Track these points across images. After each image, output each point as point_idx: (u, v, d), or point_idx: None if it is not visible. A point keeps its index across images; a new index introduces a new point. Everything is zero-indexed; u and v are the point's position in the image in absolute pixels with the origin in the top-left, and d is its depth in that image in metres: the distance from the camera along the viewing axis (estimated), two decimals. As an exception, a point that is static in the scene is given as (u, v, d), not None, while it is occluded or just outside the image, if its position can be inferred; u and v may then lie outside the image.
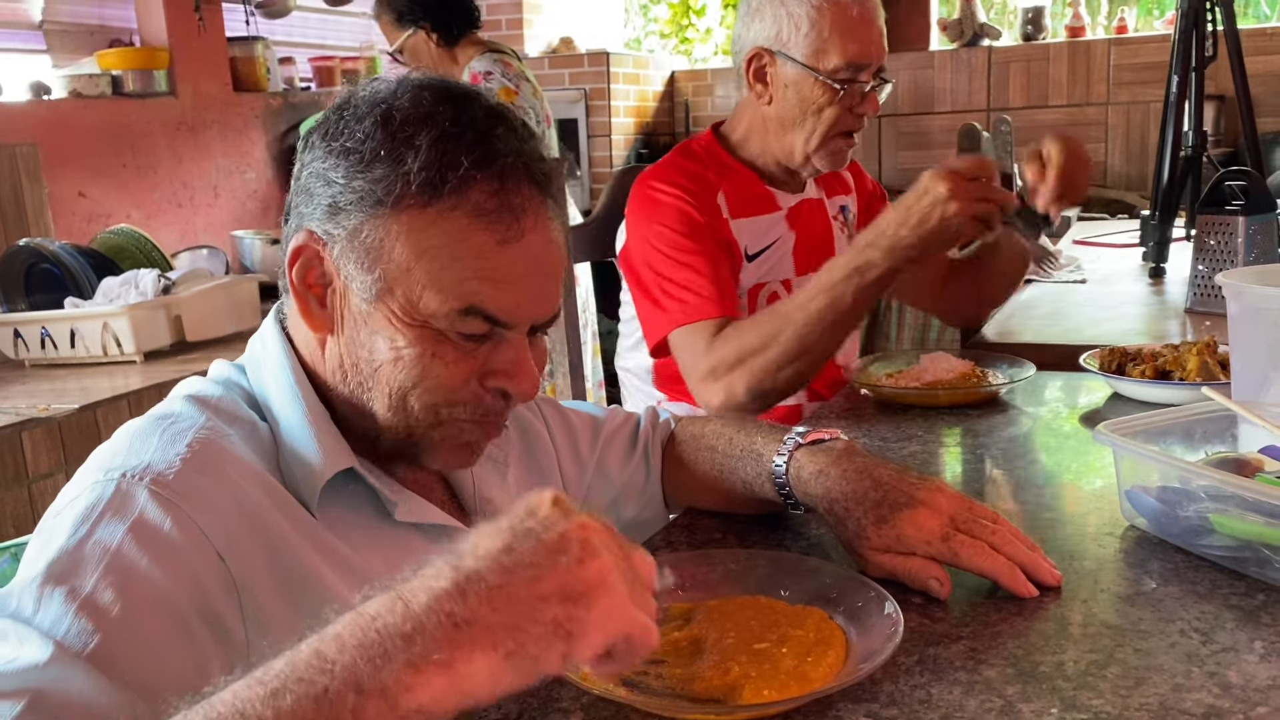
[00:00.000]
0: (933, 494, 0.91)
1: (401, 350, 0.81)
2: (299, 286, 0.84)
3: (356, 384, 0.84)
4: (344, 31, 4.50)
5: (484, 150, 0.79)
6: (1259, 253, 1.90)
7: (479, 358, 0.83)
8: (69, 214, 3.22)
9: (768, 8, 1.57)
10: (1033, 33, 5.03)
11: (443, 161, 0.78)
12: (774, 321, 1.40)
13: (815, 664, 0.74)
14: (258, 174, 3.92)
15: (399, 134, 0.78)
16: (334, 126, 0.82)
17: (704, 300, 1.49)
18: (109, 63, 3.45)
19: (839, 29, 1.53)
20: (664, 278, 1.53)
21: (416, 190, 0.78)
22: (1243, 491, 0.87)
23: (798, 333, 1.38)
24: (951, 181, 1.31)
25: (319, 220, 0.82)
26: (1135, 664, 0.75)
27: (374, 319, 0.81)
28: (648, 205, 1.59)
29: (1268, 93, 4.23)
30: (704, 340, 1.46)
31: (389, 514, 0.86)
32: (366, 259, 0.80)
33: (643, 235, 1.58)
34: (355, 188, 0.79)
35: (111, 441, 0.81)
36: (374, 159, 0.79)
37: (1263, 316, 1.10)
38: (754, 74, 1.60)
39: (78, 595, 0.68)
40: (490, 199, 0.79)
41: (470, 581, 0.54)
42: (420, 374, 0.82)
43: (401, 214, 0.79)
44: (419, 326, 0.80)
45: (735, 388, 1.40)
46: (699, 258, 1.52)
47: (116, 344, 2.39)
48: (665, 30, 7.71)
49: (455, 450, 0.87)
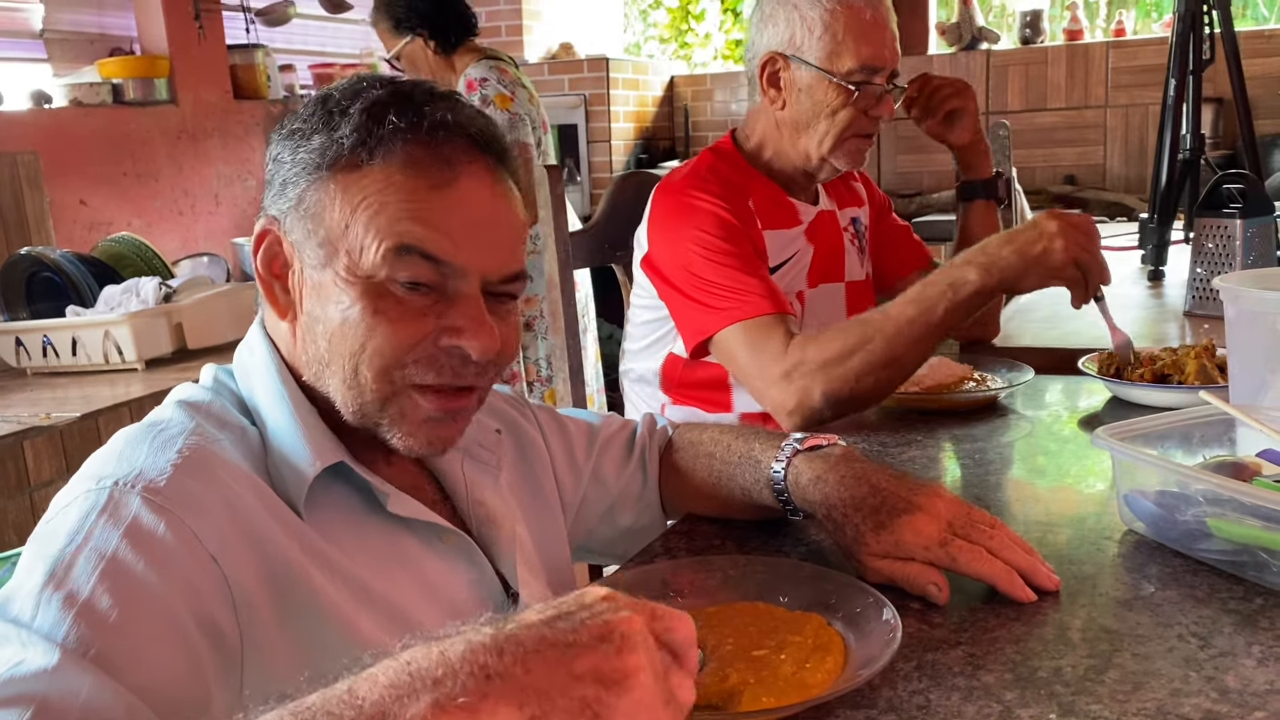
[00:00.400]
0: (931, 499, 0.91)
1: (346, 312, 0.81)
2: (265, 275, 0.86)
3: (317, 362, 0.84)
4: (343, 39, 4.51)
5: (415, 114, 0.82)
6: (1257, 255, 1.90)
7: (430, 317, 0.82)
8: (70, 222, 3.23)
9: (780, 13, 1.58)
10: (1031, 36, 5.04)
11: (373, 123, 0.81)
12: (861, 329, 1.37)
13: (814, 670, 0.75)
14: (258, 181, 3.93)
15: (335, 108, 0.83)
16: (286, 121, 0.87)
17: (758, 297, 1.46)
18: (110, 71, 3.46)
19: (852, 31, 1.54)
20: (706, 279, 1.50)
21: (350, 151, 0.81)
22: (1240, 495, 0.87)
23: (886, 341, 1.34)
24: (1062, 222, 1.33)
25: (273, 202, 0.85)
26: (1133, 669, 0.75)
27: (324, 287, 0.83)
28: (684, 211, 1.57)
29: (1265, 95, 4.24)
30: (769, 338, 1.42)
31: (380, 507, 0.86)
32: (310, 223, 0.83)
33: (678, 239, 1.56)
34: (298, 160, 0.83)
35: (104, 449, 0.82)
36: (313, 132, 0.83)
37: (1260, 320, 1.11)
38: (768, 79, 1.60)
39: (75, 601, 0.68)
40: (419, 149, 0.81)
41: (508, 641, 0.55)
42: (366, 333, 0.81)
43: (336, 174, 0.82)
44: (362, 281, 0.81)
45: (812, 392, 1.36)
46: (742, 259, 1.51)
47: (118, 352, 2.40)
48: (664, 35, 7.73)
49: (419, 427, 0.85)
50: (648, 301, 1.65)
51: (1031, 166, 4.77)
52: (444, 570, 0.89)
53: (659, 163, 5.25)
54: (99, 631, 0.67)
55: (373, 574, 0.84)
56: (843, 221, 1.76)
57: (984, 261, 1.33)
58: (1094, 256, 1.34)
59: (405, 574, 0.86)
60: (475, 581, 0.91)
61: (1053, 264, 1.32)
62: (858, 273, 1.78)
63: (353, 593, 0.81)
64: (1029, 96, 4.88)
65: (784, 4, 1.57)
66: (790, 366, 1.39)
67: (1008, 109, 4.86)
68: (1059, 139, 4.85)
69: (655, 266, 1.59)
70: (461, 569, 0.90)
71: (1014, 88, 4.90)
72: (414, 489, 0.92)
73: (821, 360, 1.36)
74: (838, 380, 1.35)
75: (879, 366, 1.35)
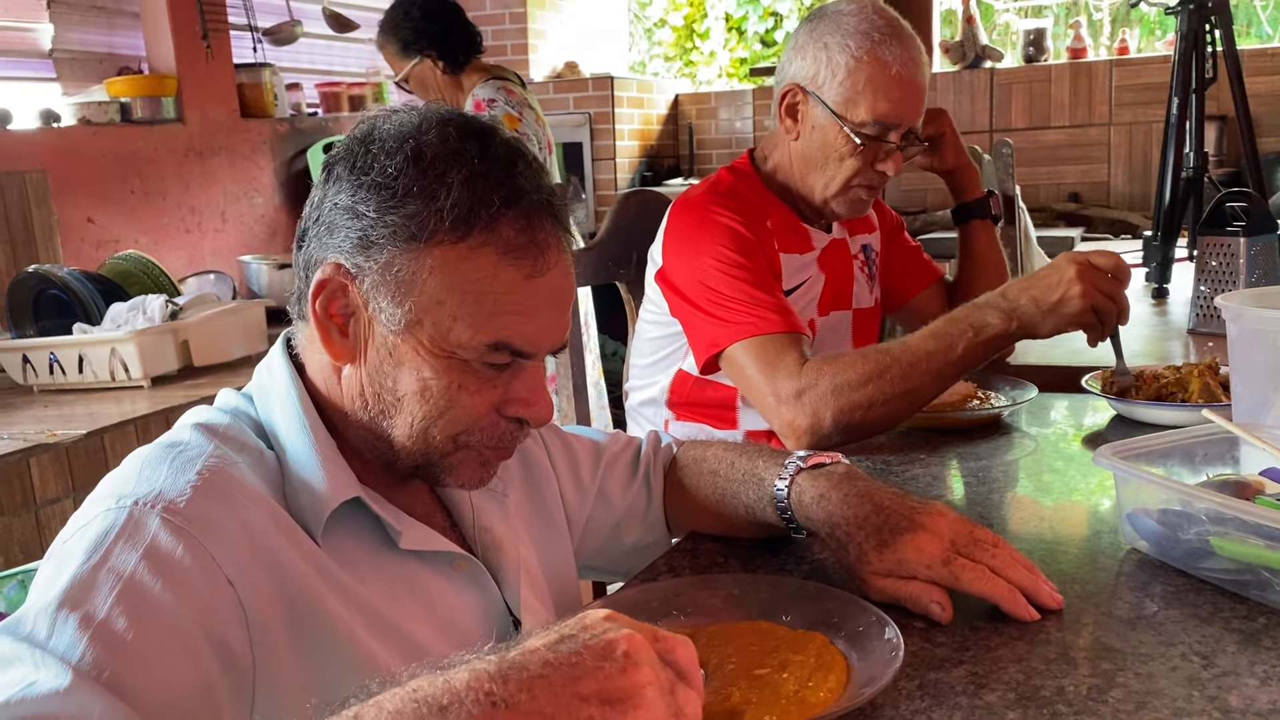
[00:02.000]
0: (934, 518, 0.91)
1: (428, 381, 0.83)
2: (321, 316, 0.85)
3: (378, 411, 0.86)
4: (350, 58, 4.54)
5: (511, 188, 0.82)
6: (1261, 274, 1.90)
7: (499, 386, 0.86)
8: (77, 240, 3.25)
9: (810, 47, 1.57)
10: (1034, 54, 5.06)
11: (474, 199, 0.81)
12: (879, 358, 1.37)
13: (816, 689, 0.75)
14: (265, 199, 3.95)
15: (430, 170, 0.81)
16: (361, 160, 0.83)
17: (773, 314, 1.47)
18: (118, 90, 3.48)
19: (873, 84, 1.52)
20: (721, 293, 1.50)
21: (450, 226, 0.80)
22: (1242, 514, 0.87)
23: (903, 372, 1.35)
24: (1083, 268, 1.33)
25: (347, 253, 0.83)
26: (1137, 688, 0.75)
27: (400, 350, 0.83)
28: (702, 226, 1.57)
29: (1269, 113, 4.24)
30: (783, 355, 1.42)
31: (393, 543, 0.87)
32: (398, 292, 0.82)
33: (695, 253, 1.56)
34: (388, 222, 0.81)
35: (121, 469, 0.82)
36: (406, 195, 0.81)
37: (1262, 339, 1.11)
38: (786, 108, 1.60)
39: (92, 621, 0.69)
40: (519, 235, 0.82)
41: (513, 668, 0.56)
42: (446, 404, 0.84)
43: (434, 249, 0.81)
44: (446, 357, 0.83)
45: (822, 415, 1.36)
46: (758, 275, 1.52)
47: (124, 369, 2.41)
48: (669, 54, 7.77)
49: (474, 470, 0.89)
50: (658, 317, 1.66)
51: (1036, 184, 4.78)
52: (454, 597, 0.90)
53: (663, 180, 5.27)
54: (114, 653, 0.68)
55: (386, 602, 0.84)
56: (853, 249, 1.76)
57: (1005, 307, 1.35)
58: (1113, 300, 1.35)
59: (416, 602, 0.87)
60: (483, 608, 0.92)
61: (1069, 312, 1.33)
62: (866, 300, 1.78)
63: (366, 620, 0.82)
64: (1033, 115, 4.90)
65: (816, 40, 1.56)
66: (804, 386, 1.38)
67: (1011, 127, 4.88)
68: (1063, 157, 4.86)
69: (670, 281, 1.59)
70: (471, 595, 0.91)
71: (1018, 106, 4.92)
72: (426, 517, 0.93)
73: (836, 385, 1.36)
74: (850, 406, 1.35)
75: (894, 397, 1.35)
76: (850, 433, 1.37)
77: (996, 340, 1.36)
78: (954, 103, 4.96)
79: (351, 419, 0.87)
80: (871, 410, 1.35)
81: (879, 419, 1.37)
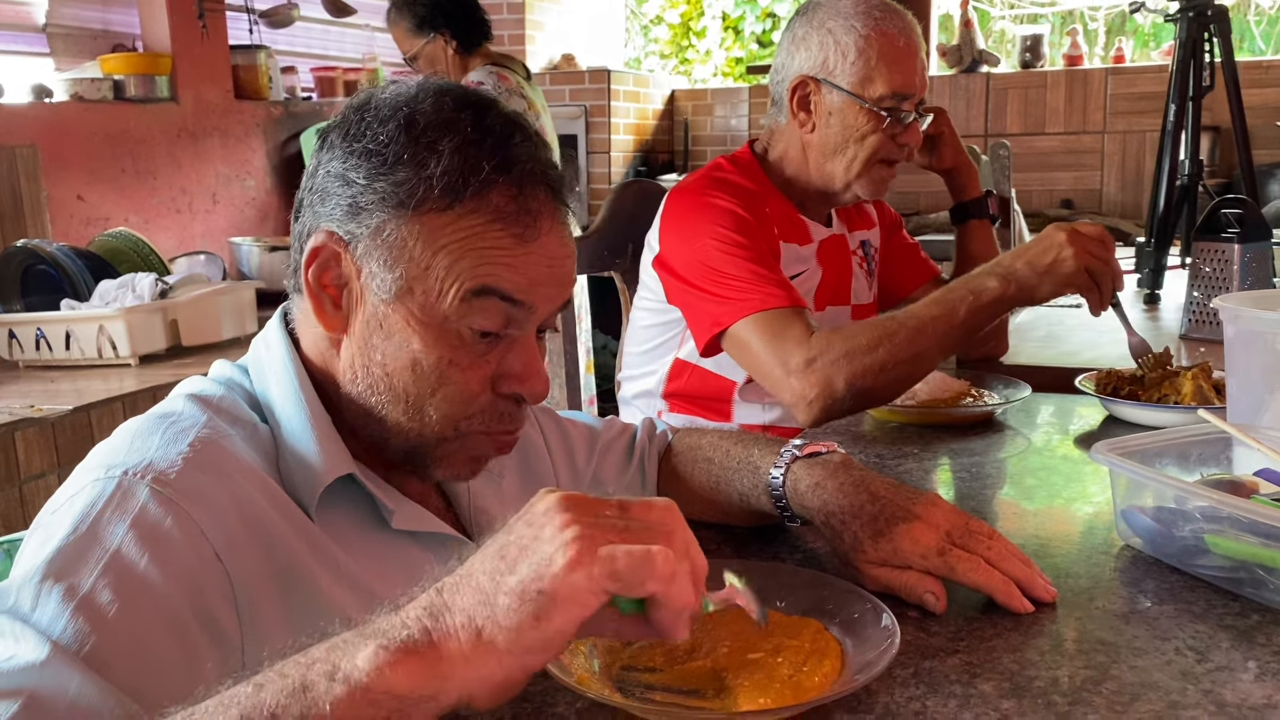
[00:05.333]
0: (929, 508, 0.91)
1: (418, 354, 0.82)
2: (314, 286, 0.84)
3: (367, 385, 0.84)
4: (346, 43, 4.51)
5: (504, 156, 0.80)
6: (1254, 280, 1.91)
7: (492, 362, 0.84)
8: (67, 216, 3.22)
9: (814, 36, 1.58)
10: (1031, 60, 5.08)
11: (465, 166, 0.79)
12: (886, 324, 1.40)
13: (811, 674, 0.74)
14: (257, 182, 3.92)
15: (422, 138, 0.79)
16: (355, 127, 0.82)
17: (776, 288, 1.47)
18: (111, 67, 3.45)
19: (886, 58, 1.55)
20: (722, 272, 1.50)
21: (440, 193, 0.79)
22: (1238, 512, 0.87)
23: (910, 336, 1.38)
24: (1072, 233, 1.37)
25: (339, 221, 0.82)
26: (1130, 680, 0.75)
27: (390, 320, 0.82)
28: (700, 209, 1.57)
29: (1262, 125, 4.26)
30: (790, 327, 1.43)
31: (386, 522, 0.86)
32: (389, 257, 0.81)
33: (693, 234, 1.56)
34: (377, 189, 0.80)
35: (112, 439, 0.81)
36: (397, 162, 0.79)
37: (1259, 340, 1.11)
38: (798, 102, 1.61)
39: (75, 594, 0.68)
40: (510, 203, 0.80)
41: (449, 579, 0.59)
42: (438, 381, 0.82)
43: (423, 216, 0.80)
44: (436, 327, 0.81)
45: (835, 381, 1.37)
46: (758, 254, 1.52)
47: (112, 347, 2.39)
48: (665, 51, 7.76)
49: (465, 463, 0.88)
50: (653, 305, 1.65)
51: (1029, 190, 4.80)
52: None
53: (657, 176, 5.27)
54: (96, 626, 0.67)
55: (378, 581, 0.83)
56: (852, 244, 1.76)
57: (1001, 273, 1.38)
58: (1106, 264, 1.38)
59: (410, 583, 0.86)
60: None
61: (1064, 273, 1.36)
62: (865, 295, 1.78)
63: (357, 597, 0.81)
64: (1028, 120, 4.91)
65: (818, 28, 1.58)
66: (814, 354, 1.39)
67: (1006, 132, 4.89)
68: (1056, 163, 4.87)
69: (668, 265, 1.59)
70: None
71: (1013, 111, 4.93)
72: (421, 497, 0.92)
73: (846, 349, 1.38)
74: (863, 369, 1.37)
75: (903, 360, 1.37)
76: (863, 397, 1.39)
77: (996, 304, 1.39)
78: (950, 106, 4.97)
79: (345, 394, 0.86)
80: (883, 374, 1.37)
81: (889, 383, 1.39)
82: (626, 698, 0.73)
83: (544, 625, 0.56)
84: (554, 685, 0.75)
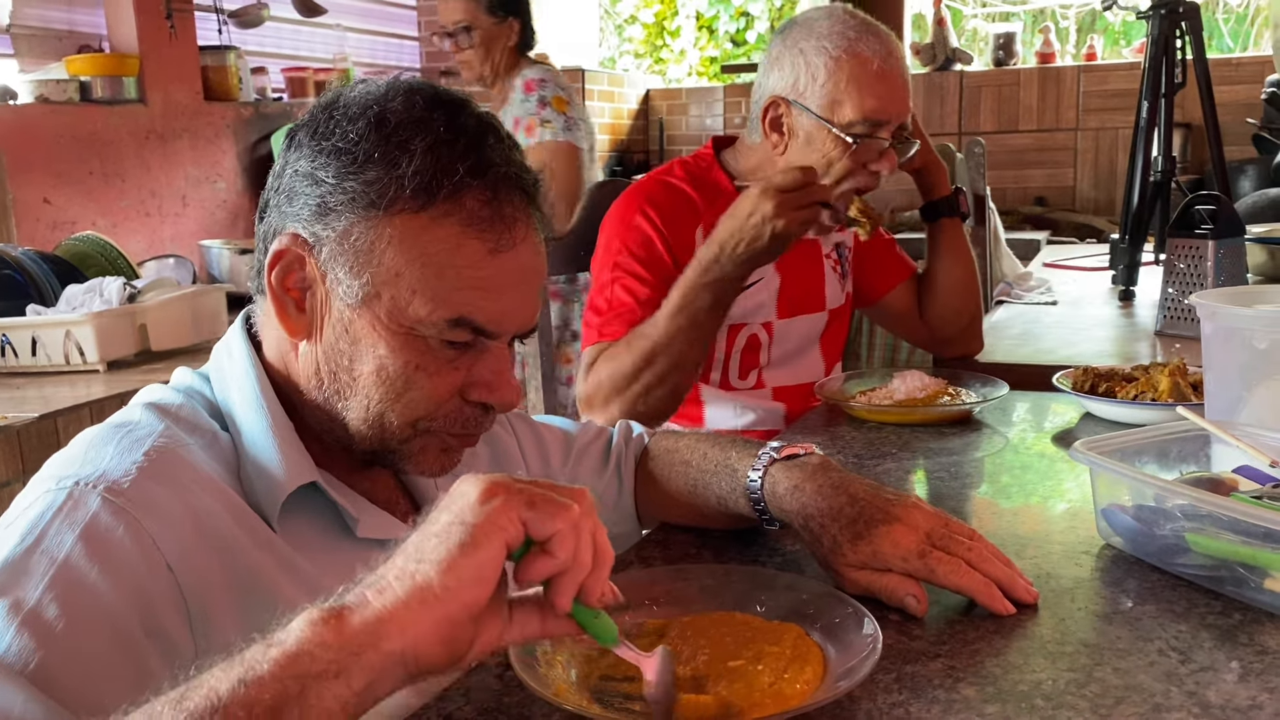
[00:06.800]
0: (909, 510, 0.90)
1: (384, 360, 0.80)
2: (277, 289, 0.82)
3: (333, 391, 0.82)
4: (317, 43, 4.47)
5: (478, 158, 0.79)
6: (1228, 276, 1.92)
7: (461, 369, 0.82)
8: (33, 220, 3.17)
9: (787, 57, 1.55)
10: (1004, 58, 5.10)
11: (438, 167, 0.77)
12: (642, 344, 1.45)
13: (792, 681, 0.73)
14: (228, 184, 3.88)
15: (393, 137, 0.78)
16: (324, 125, 0.80)
17: (619, 324, 1.52)
18: (78, 68, 3.40)
19: (856, 82, 1.50)
20: (600, 296, 1.57)
21: (411, 194, 0.77)
22: (1218, 510, 0.87)
23: (666, 353, 1.43)
24: (776, 199, 1.36)
25: (305, 221, 0.80)
26: (1114, 682, 0.74)
27: (356, 326, 0.80)
28: (623, 226, 1.60)
29: (1231, 121, 4.29)
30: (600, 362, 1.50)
31: (351, 530, 0.85)
32: (356, 262, 0.79)
33: (605, 250, 1.60)
34: (347, 188, 0.78)
35: (67, 449, 0.79)
36: (367, 160, 0.77)
37: (1236, 336, 1.11)
38: (770, 123, 1.58)
39: (21, 609, 0.66)
40: (484, 207, 0.79)
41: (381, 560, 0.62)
42: (404, 386, 0.80)
43: (395, 217, 0.78)
44: (404, 334, 0.79)
45: (613, 415, 1.44)
46: (642, 283, 1.54)
47: (79, 352, 2.35)
48: (640, 50, 7.74)
49: (435, 456, 0.86)
50: None
51: (1003, 187, 4.82)
52: None
53: (632, 175, 5.24)
54: (42, 642, 0.65)
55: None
56: (825, 248, 1.74)
57: (726, 259, 1.40)
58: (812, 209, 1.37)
59: None
60: None
61: (780, 242, 1.38)
62: (838, 298, 1.76)
63: None
64: (1001, 118, 4.93)
65: (791, 48, 1.55)
66: (590, 391, 1.48)
67: (980, 130, 4.91)
68: (1030, 160, 4.90)
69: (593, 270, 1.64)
70: None
71: (986, 109, 4.95)
72: (388, 503, 0.90)
73: (613, 385, 1.46)
74: (632, 400, 1.45)
75: (665, 376, 1.44)
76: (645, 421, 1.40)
77: (736, 284, 1.43)
78: (924, 105, 4.99)
79: (307, 399, 0.84)
80: (651, 395, 1.44)
81: (660, 401, 1.45)
82: (605, 708, 0.72)
83: (472, 554, 0.59)
84: (530, 697, 0.73)
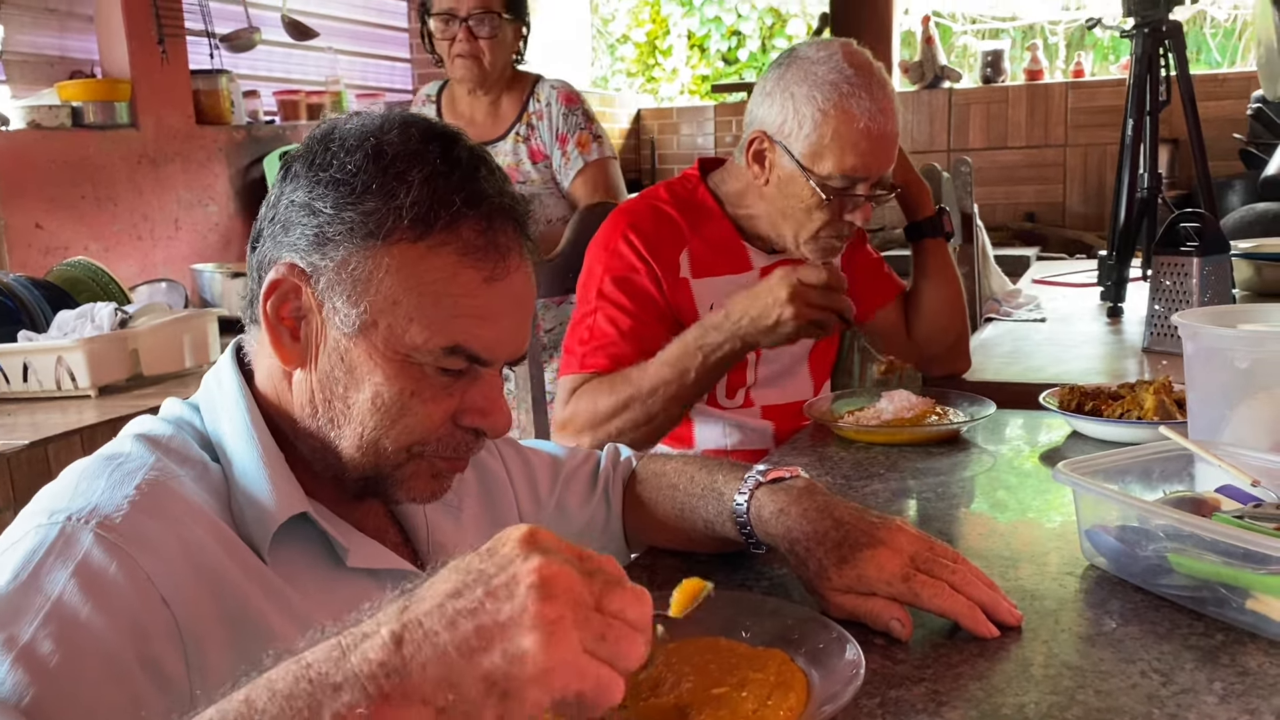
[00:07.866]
0: (893, 534, 0.90)
1: (380, 388, 0.81)
2: (272, 318, 0.82)
3: (327, 420, 0.83)
4: (309, 66, 4.49)
5: (473, 190, 0.80)
6: (1213, 293, 1.93)
7: (455, 395, 0.83)
8: (25, 246, 3.17)
9: (779, 95, 1.54)
10: (992, 76, 5.13)
11: (435, 198, 0.79)
12: (625, 389, 1.48)
13: (775, 708, 0.73)
14: (220, 207, 3.89)
15: (390, 168, 0.79)
16: (320, 157, 0.81)
17: (600, 356, 1.53)
18: (69, 94, 3.41)
19: (840, 138, 1.49)
20: (581, 324, 1.58)
21: (409, 224, 0.78)
22: (1200, 531, 0.87)
23: (644, 403, 1.47)
24: (796, 290, 1.39)
25: (302, 251, 0.81)
26: (1097, 705, 0.75)
27: (353, 354, 0.81)
28: (606, 250, 1.61)
29: (1217, 137, 4.32)
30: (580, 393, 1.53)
31: (341, 560, 0.85)
32: (354, 291, 0.80)
33: (589, 275, 1.62)
34: (345, 219, 0.79)
35: (57, 482, 0.79)
36: (365, 191, 0.79)
37: (1218, 357, 1.12)
38: (753, 154, 1.57)
39: (15, 644, 0.66)
40: (479, 237, 0.80)
41: (409, 629, 0.53)
42: (399, 413, 0.81)
43: (393, 247, 0.79)
44: (400, 361, 0.80)
45: (585, 445, 1.46)
46: (623, 313, 1.56)
47: (71, 378, 2.35)
48: (632, 69, 7.78)
49: (426, 482, 0.86)
50: None
51: (993, 204, 4.84)
52: None
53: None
54: (37, 677, 0.65)
55: (332, 620, 0.81)
56: None
57: (729, 329, 1.44)
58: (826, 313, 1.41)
59: None
60: None
61: (785, 333, 1.42)
62: None
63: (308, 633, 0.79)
64: (990, 135, 4.96)
65: (784, 88, 1.53)
66: (567, 418, 1.51)
67: (969, 146, 4.94)
68: (1019, 177, 4.92)
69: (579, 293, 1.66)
70: None
71: (975, 126, 4.98)
72: (378, 533, 0.91)
73: (590, 419, 1.49)
74: (604, 437, 1.47)
75: (639, 425, 1.48)
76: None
77: (726, 359, 1.47)
78: (913, 122, 5.02)
79: (300, 428, 0.84)
80: (621, 438, 1.46)
81: (635, 442, 1.46)
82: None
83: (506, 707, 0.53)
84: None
